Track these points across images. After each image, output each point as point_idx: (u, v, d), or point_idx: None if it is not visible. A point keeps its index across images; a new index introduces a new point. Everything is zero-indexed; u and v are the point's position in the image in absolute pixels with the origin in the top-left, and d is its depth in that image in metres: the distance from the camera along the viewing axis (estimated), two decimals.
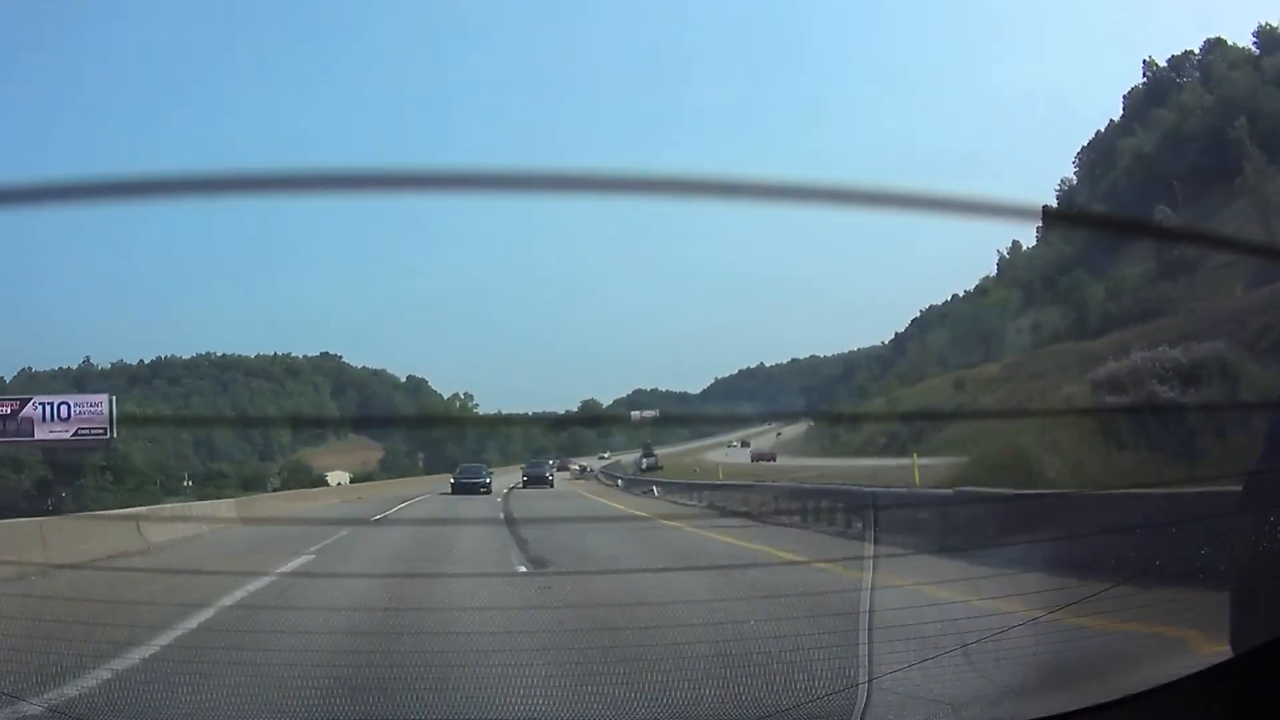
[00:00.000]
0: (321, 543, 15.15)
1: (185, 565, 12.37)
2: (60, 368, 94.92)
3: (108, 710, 5.09)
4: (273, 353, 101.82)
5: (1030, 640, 5.07)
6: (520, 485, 42.97)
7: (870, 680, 4.42)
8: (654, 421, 67.37)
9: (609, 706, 4.88)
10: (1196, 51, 74.28)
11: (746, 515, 20.68)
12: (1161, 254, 55.56)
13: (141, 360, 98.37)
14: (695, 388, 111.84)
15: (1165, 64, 76.99)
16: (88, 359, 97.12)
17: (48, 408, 42.91)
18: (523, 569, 11.71)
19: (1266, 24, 66.56)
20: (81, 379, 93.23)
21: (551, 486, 43.70)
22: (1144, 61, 79.31)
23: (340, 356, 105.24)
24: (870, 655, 4.74)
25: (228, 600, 8.99)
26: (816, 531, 15.89)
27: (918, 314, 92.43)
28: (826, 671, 4.93)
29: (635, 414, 71.96)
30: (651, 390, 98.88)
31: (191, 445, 71.07)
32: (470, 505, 28.50)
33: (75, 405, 43.36)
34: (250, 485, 50.89)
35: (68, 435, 42.39)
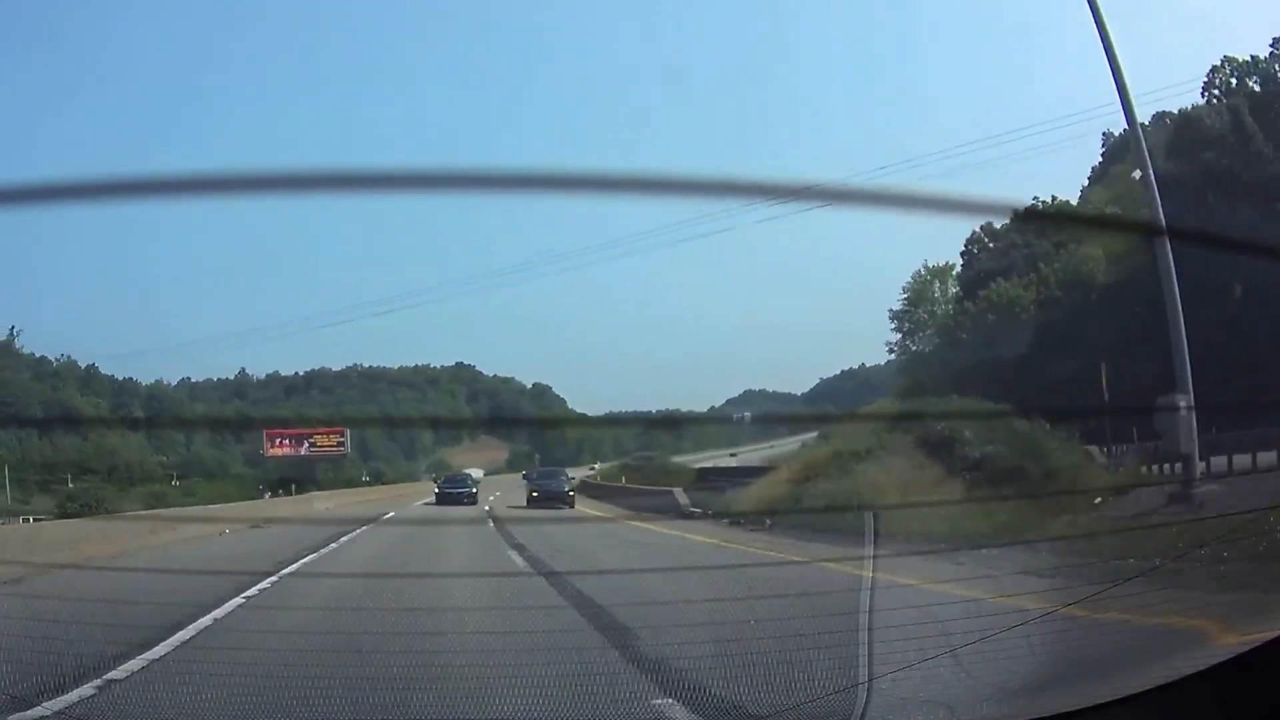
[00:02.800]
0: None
1: None
2: (217, 379, 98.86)
3: (109, 712, 5.08)
4: (414, 364, 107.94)
5: (1030, 640, 5.07)
6: (526, 502, 29.88)
7: (870, 680, 4.41)
8: (745, 423, 68.20)
9: (608, 706, 4.88)
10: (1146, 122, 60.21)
11: None
12: None
13: (296, 372, 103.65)
14: (801, 388, 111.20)
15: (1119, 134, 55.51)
16: (243, 370, 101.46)
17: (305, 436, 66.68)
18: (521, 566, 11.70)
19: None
20: (240, 388, 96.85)
21: (571, 507, 29.10)
22: (1103, 133, 66.67)
23: (474, 366, 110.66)
24: (870, 655, 4.73)
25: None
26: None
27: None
28: (826, 671, 4.93)
29: (735, 415, 73.09)
30: (760, 390, 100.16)
31: (355, 448, 75.74)
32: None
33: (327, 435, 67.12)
34: (410, 479, 64.18)
35: (320, 451, 65.44)
